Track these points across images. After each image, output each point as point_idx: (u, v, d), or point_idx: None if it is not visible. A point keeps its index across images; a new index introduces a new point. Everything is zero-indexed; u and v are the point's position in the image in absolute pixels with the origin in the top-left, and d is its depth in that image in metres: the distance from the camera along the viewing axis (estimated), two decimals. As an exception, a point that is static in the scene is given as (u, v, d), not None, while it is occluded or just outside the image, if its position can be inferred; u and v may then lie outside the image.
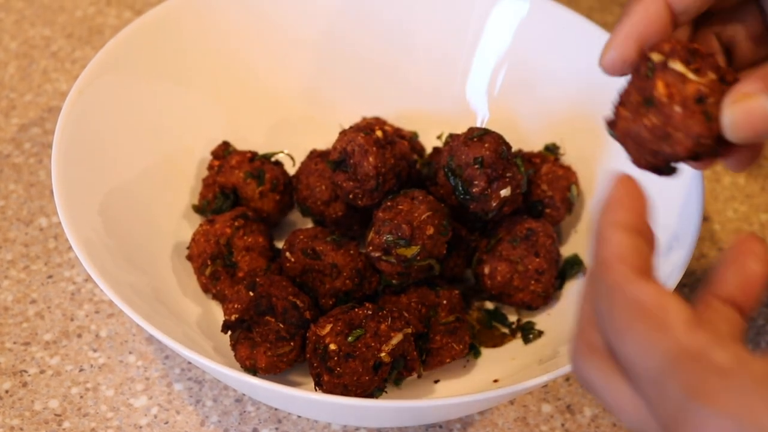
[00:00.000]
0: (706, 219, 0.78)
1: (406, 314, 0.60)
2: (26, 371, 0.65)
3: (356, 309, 0.59)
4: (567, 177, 0.69)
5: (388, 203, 0.62)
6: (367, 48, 0.78)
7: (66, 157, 0.62)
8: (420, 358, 0.60)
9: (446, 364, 0.62)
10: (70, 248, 0.71)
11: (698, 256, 0.74)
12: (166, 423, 0.62)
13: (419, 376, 0.61)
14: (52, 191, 0.61)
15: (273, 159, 0.71)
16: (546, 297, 0.66)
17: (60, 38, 0.89)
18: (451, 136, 0.63)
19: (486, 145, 0.61)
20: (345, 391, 0.57)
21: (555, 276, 0.66)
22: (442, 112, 0.77)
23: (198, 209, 0.70)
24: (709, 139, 0.43)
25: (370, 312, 0.58)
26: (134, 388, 0.64)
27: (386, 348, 0.57)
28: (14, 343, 0.66)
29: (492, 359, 0.65)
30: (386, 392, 0.60)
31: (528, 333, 0.66)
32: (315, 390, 0.59)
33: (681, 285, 0.71)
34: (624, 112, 0.44)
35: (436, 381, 0.64)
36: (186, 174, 0.72)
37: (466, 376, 0.64)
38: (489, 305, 0.69)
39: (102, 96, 0.67)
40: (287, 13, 0.77)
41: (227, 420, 0.63)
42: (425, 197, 0.62)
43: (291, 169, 0.72)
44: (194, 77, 0.74)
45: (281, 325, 0.59)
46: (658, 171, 0.45)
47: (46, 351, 0.66)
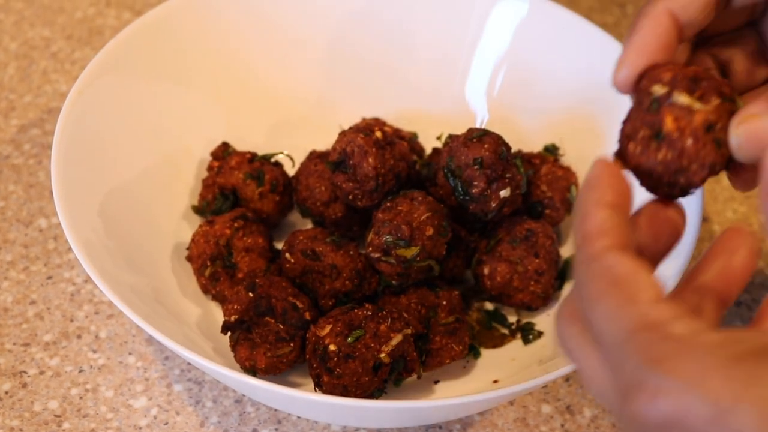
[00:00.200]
0: (706, 220, 0.78)
1: (406, 315, 0.60)
2: (26, 372, 0.65)
3: (356, 310, 0.59)
4: (566, 178, 0.69)
5: (388, 204, 0.62)
6: (367, 48, 0.78)
7: (66, 158, 0.62)
8: (420, 359, 0.60)
9: (446, 365, 0.62)
10: (70, 249, 0.71)
11: (698, 257, 0.74)
12: (166, 424, 0.62)
13: (419, 377, 0.61)
14: (52, 192, 0.61)
15: (272, 160, 0.71)
16: (546, 298, 0.65)
17: (60, 39, 0.89)
18: (451, 137, 0.63)
19: (485, 146, 0.61)
20: (345, 392, 0.57)
21: (555, 277, 0.66)
22: (442, 113, 0.77)
23: (197, 210, 0.70)
24: (722, 165, 0.44)
25: (370, 313, 0.58)
26: (134, 389, 0.64)
27: (386, 349, 0.57)
28: (14, 344, 0.66)
29: (492, 360, 0.65)
30: (386, 393, 0.60)
31: (528, 334, 0.66)
32: (315, 391, 0.59)
33: (680, 285, 0.71)
34: (633, 147, 0.44)
35: (436, 382, 0.64)
36: (185, 175, 0.72)
37: (466, 377, 0.64)
38: (489, 306, 0.68)
39: (102, 97, 0.67)
40: (287, 14, 0.77)
41: (227, 421, 0.63)
42: (425, 198, 0.62)
43: (291, 170, 0.72)
44: (194, 78, 0.74)
45: (281, 326, 0.59)
46: (674, 197, 0.45)
47: (46, 352, 0.66)
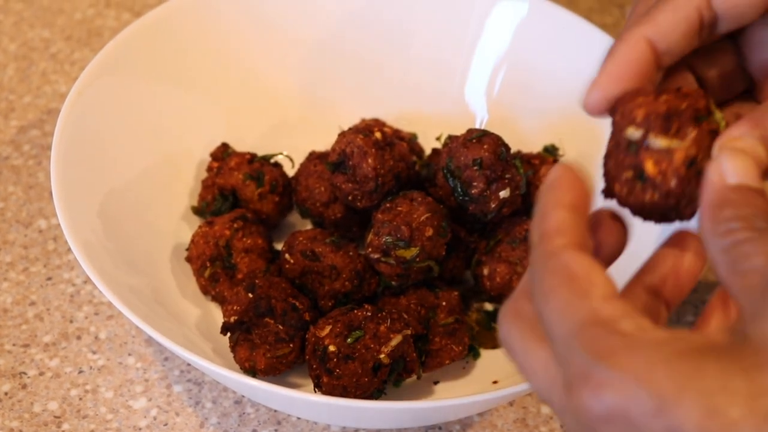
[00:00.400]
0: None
1: (406, 316, 0.60)
2: (25, 373, 0.65)
3: (355, 310, 0.59)
4: (566, 178, 0.69)
5: (387, 205, 0.62)
6: (367, 49, 0.78)
7: (65, 159, 0.62)
8: (419, 360, 0.60)
9: (445, 366, 0.62)
10: (70, 250, 0.71)
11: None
12: (166, 425, 0.62)
13: (418, 378, 0.61)
14: (52, 193, 0.61)
15: (272, 160, 0.71)
16: (545, 298, 0.65)
17: (59, 40, 0.89)
18: (450, 138, 0.63)
19: (485, 147, 0.61)
20: (344, 393, 0.57)
21: (554, 277, 0.66)
22: (441, 114, 0.77)
23: (197, 211, 0.70)
24: None
25: (370, 313, 0.58)
26: (133, 390, 0.64)
27: (385, 349, 0.57)
28: (13, 345, 0.66)
29: (491, 360, 0.65)
30: (385, 394, 0.60)
31: (527, 334, 0.66)
32: (314, 391, 0.59)
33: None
34: (620, 188, 0.43)
35: (436, 382, 0.64)
36: (185, 176, 0.72)
37: (466, 378, 0.64)
38: (488, 306, 0.68)
39: (101, 98, 0.67)
40: (286, 14, 0.77)
41: (227, 422, 0.63)
42: (424, 199, 0.62)
43: (290, 171, 0.72)
44: (193, 79, 0.74)
45: (280, 327, 0.59)
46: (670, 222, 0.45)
47: (46, 353, 0.66)
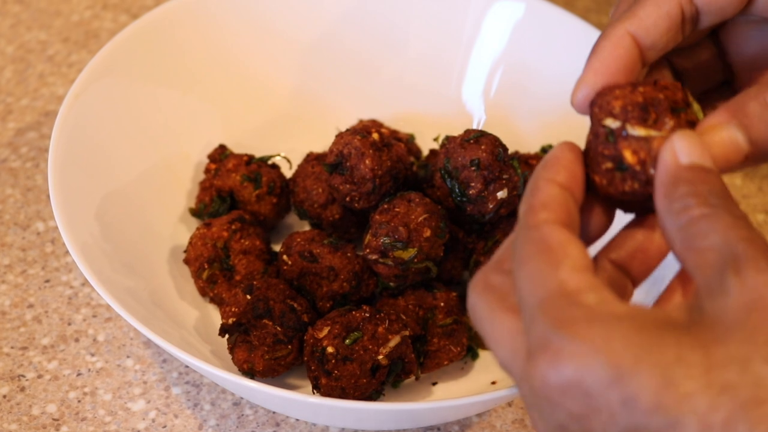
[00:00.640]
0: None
1: (404, 317, 0.60)
2: (24, 376, 0.65)
3: (353, 312, 0.59)
4: (564, 178, 0.69)
5: (385, 206, 0.62)
6: (364, 50, 0.78)
7: (63, 161, 0.62)
8: (418, 361, 0.60)
9: (444, 367, 0.62)
10: (67, 252, 0.71)
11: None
12: (164, 427, 0.62)
13: (417, 379, 0.61)
14: (49, 195, 0.61)
15: (270, 162, 0.71)
16: (543, 298, 0.65)
17: (56, 42, 0.89)
18: (448, 139, 0.63)
19: (482, 147, 0.61)
20: (343, 394, 0.57)
21: (552, 277, 0.66)
22: (439, 115, 0.77)
23: (195, 213, 0.70)
24: None
25: (368, 315, 0.58)
26: (132, 392, 0.64)
27: (384, 350, 0.57)
28: (12, 348, 0.66)
29: (490, 361, 0.65)
30: (384, 395, 0.60)
31: (525, 335, 0.66)
32: (313, 393, 0.59)
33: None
34: (600, 180, 0.43)
35: (434, 383, 0.64)
36: (183, 177, 0.72)
37: (464, 379, 0.64)
38: (486, 307, 0.68)
39: (98, 100, 0.67)
40: (283, 16, 0.77)
41: (225, 423, 0.63)
42: (422, 199, 0.62)
43: (288, 172, 0.72)
44: (191, 80, 0.74)
45: (279, 329, 0.59)
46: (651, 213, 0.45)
47: (44, 355, 0.66)
